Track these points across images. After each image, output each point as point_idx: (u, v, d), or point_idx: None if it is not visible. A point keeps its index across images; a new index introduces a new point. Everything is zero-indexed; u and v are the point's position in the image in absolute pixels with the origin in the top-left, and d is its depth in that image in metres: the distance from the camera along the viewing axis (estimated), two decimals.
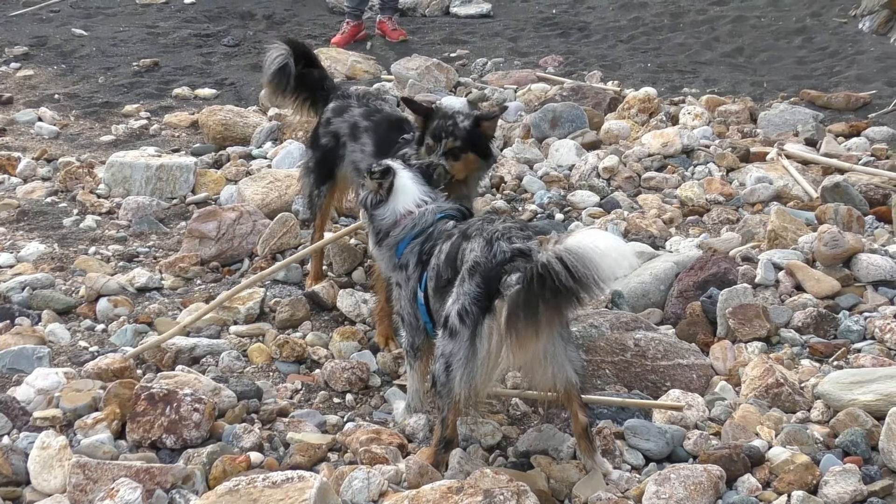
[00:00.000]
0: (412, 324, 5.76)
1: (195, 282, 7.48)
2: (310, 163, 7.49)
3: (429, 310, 5.56)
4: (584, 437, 5.29)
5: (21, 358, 6.21)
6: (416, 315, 5.69)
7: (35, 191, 9.10)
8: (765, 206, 8.40)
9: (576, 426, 5.30)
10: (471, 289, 4.99)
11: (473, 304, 4.97)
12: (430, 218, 5.66)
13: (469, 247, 5.13)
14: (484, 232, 5.13)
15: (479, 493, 4.68)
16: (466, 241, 5.19)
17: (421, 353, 5.77)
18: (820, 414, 5.74)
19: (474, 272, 5.01)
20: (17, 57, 13.19)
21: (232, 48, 13.76)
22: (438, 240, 5.51)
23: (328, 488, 4.87)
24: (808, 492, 5.05)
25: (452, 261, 5.24)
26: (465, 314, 5.00)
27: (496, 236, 5.06)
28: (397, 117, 7.24)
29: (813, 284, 6.93)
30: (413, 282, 5.66)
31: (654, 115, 10.25)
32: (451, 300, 5.12)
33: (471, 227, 5.29)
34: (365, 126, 7.16)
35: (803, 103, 10.82)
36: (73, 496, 4.94)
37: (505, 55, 13.26)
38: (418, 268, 5.62)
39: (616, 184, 8.92)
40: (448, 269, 5.27)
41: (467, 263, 5.07)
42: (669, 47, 13.47)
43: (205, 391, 5.73)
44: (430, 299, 5.52)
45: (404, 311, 5.82)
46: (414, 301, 5.68)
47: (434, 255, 5.47)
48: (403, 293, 5.77)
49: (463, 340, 5.02)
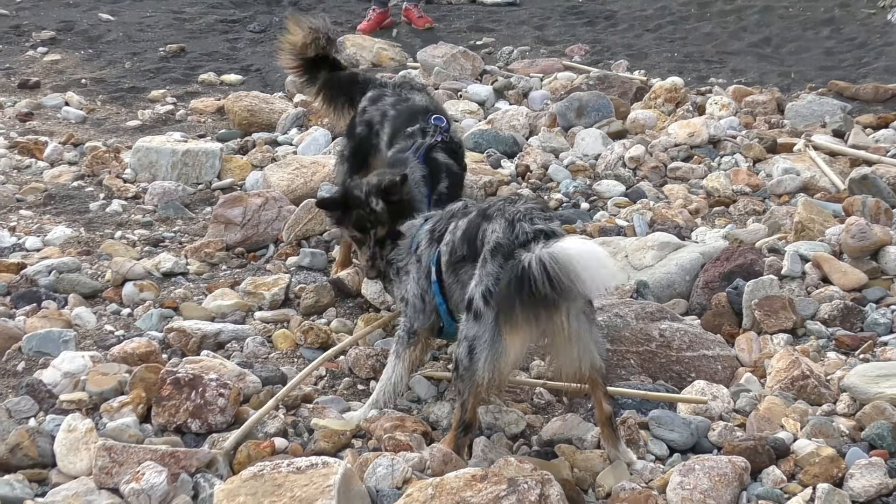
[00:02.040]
0: (416, 305, 5.74)
1: (220, 267, 7.50)
2: (345, 151, 7.53)
3: (442, 290, 5.55)
4: (608, 425, 5.28)
5: (48, 341, 6.24)
6: (424, 296, 5.68)
7: (62, 175, 9.14)
8: (791, 197, 8.36)
9: (599, 415, 5.29)
10: (493, 270, 4.97)
11: (497, 285, 4.94)
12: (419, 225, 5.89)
13: (490, 227, 5.10)
14: (506, 213, 5.10)
15: (503, 482, 4.67)
16: (487, 221, 5.16)
17: (415, 339, 5.76)
18: (846, 407, 5.71)
19: (496, 253, 4.99)
20: (45, 41, 13.24)
21: (258, 34, 13.78)
22: (451, 218, 5.56)
23: (352, 475, 4.87)
24: (833, 485, 5.01)
25: (471, 239, 5.22)
26: (489, 296, 4.97)
27: (518, 217, 5.03)
28: (417, 108, 7.24)
29: (840, 276, 6.90)
30: (426, 259, 5.66)
31: (681, 105, 10.22)
32: (473, 282, 5.09)
33: (491, 208, 5.26)
34: (391, 115, 7.19)
35: (831, 94, 10.76)
36: (99, 479, 4.96)
37: (531, 43, 13.23)
38: (431, 245, 5.64)
39: (642, 174, 8.90)
40: (464, 246, 5.27)
41: (489, 244, 5.04)
42: (696, 37, 13.41)
43: (230, 376, 5.74)
44: (443, 277, 5.52)
45: (409, 293, 5.78)
46: (426, 279, 5.66)
47: (449, 230, 5.48)
48: (412, 276, 5.76)
49: (487, 323, 4.98)
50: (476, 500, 4.59)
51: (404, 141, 6.92)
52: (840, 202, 7.96)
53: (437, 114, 7.09)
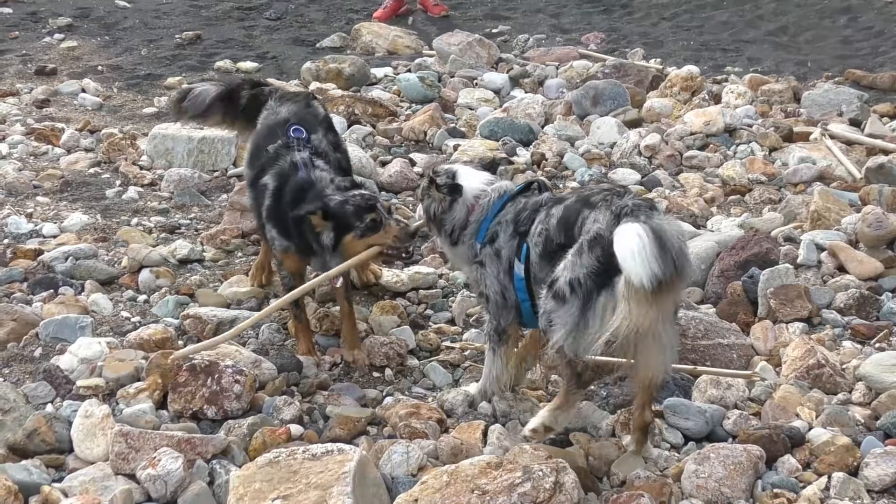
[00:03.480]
0: (498, 302, 5.50)
1: (236, 254, 7.51)
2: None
3: (528, 285, 5.32)
4: (644, 431, 5.24)
5: (64, 327, 6.26)
6: (505, 292, 5.46)
7: (78, 162, 9.15)
8: (807, 186, 8.34)
9: (640, 421, 5.22)
10: (589, 261, 4.79)
11: (589, 277, 4.78)
12: (506, 190, 5.54)
13: (592, 216, 4.89)
14: (612, 205, 4.87)
15: (518, 469, 4.68)
16: (589, 209, 4.96)
17: (506, 336, 5.59)
18: (861, 396, 5.70)
19: (595, 245, 4.80)
20: (61, 28, 13.26)
21: (274, 21, 13.78)
22: (538, 208, 5.31)
23: (367, 462, 4.88)
24: (848, 473, 5.02)
25: (569, 226, 5.02)
26: (577, 285, 4.81)
27: (626, 211, 4.80)
28: (277, 121, 6.62)
29: (856, 266, 6.89)
30: (508, 252, 5.40)
31: (697, 94, 10.21)
32: (562, 265, 4.91)
33: (594, 195, 5.04)
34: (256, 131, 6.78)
35: (848, 83, 10.75)
36: (116, 464, 4.98)
37: (547, 31, 13.21)
38: (514, 239, 5.38)
39: (657, 162, 8.90)
40: (561, 234, 5.07)
41: (588, 234, 4.85)
42: (713, 25, 13.38)
43: (245, 363, 5.76)
44: (531, 271, 5.27)
45: (490, 289, 5.51)
46: (508, 275, 5.43)
47: (539, 220, 5.24)
48: (489, 271, 5.49)
49: (571, 309, 4.84)
50: (491, 488, 4.59)
51: (271, 162, 6.29)
52: (856, 191, 7.95)
53: (296, 125, 6.41)
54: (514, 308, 5.47)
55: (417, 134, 9.61)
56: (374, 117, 9.89)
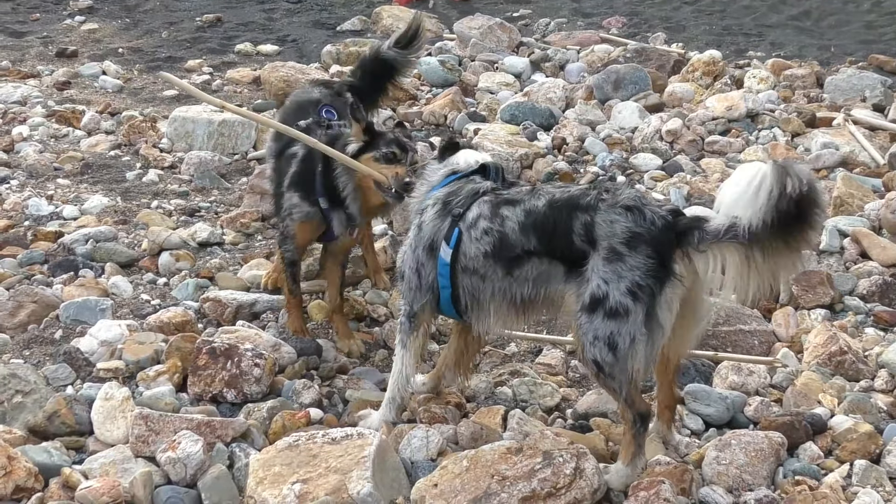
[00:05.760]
0: (412, 281, 5.24)
1: (256, 237, 7.51)
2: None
3: (453, 273, 5.08)
4: (673, 409, 5.22)
5: (85, 309, 6.28)
6: (421, 270, 5.19)
7: (99, 144, 9.17)
8: (830, 172, 8.28)
9: (668, 399, 5.17)
10: (640, 262, 4.59)
11: (647, 277, 4.59)
12: (455, 170, 5.36)
13: (601, 219, 4.67)
14: (617, 202, 4.71)
15: (538, 455, 4.67)
16: (585, 212, 4.72)
17: (417, 322, 5.29)
18: (884, 383, 5.67)
19: (636, 244, 4.62)
20: (82, 10, 13.30)
21: (294, 4, 13.77)
22: (476, 195, 5.08)
23: (387, 446, 4.88)
24: (870, 461, 4.99)
25: (550, 233, 4.79)
26: (638, 290, 4.59)
27: (640, 202, 4.69)
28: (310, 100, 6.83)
29: (879, 252, 6.84)
30: (431, 230, 5.15)
31: (719, 79, 10.15)
32: (599, 280, 4.63)
33: (583, 197, 4.79)
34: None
35: (871, 68, 10.67)
36: (136, 447, 4.98)
37: (568, 15, 13.16)
38: (442, 219, 5.12)
39: (679, 147, 8.85)
40: (531, 240, 4.83)
41: (616, 237, 4.63)
42: (735, 10, 13.30)
43: (265, 347, 5.76)
44: (461, 261, 5.04)
45: (406, 264, 5.29)
46: (429, 253, 5.17)
47: (481, 214, 4.99)
48: (408, 244, 5.30)
49: (638, 318, 4.61)
50: (511, 473, 4.58)
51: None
52: (880, 177, 7.91)
53: (328, 105, 6.56)
54: (429, 291, 5.20)
55: (438, 118, 9.60)
56: (395, 101, 9.86)
